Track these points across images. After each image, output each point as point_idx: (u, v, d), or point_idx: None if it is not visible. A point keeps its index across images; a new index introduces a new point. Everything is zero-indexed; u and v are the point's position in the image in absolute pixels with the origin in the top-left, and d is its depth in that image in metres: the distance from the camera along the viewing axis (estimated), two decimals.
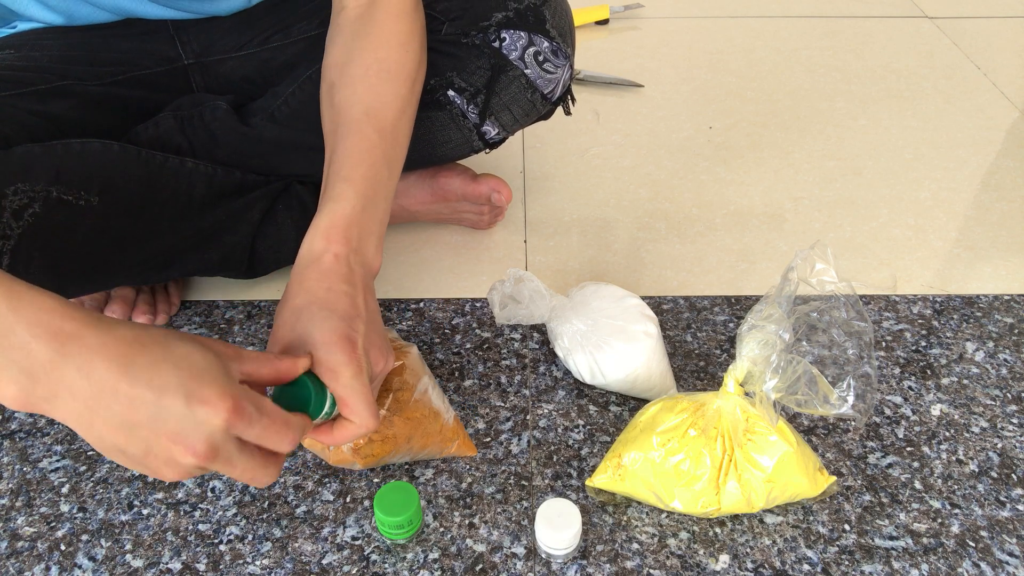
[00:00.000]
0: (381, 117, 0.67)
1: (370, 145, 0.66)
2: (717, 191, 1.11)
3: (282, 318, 0.57)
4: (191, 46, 0.86)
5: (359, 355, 0.55)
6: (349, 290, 0.58)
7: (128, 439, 0.45)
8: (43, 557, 0.67)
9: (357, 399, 0.54)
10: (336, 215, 0.62)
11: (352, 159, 0.65)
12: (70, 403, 0.43)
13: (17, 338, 0.42)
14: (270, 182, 0.88)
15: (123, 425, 0.44)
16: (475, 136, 0.87)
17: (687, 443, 0.65)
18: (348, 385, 0.54)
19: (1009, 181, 1.12)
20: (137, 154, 0.76)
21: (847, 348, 0.62)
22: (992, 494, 0.71)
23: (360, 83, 0.68)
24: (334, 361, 0.53)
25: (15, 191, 0.68)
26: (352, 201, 0.62)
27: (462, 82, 0.83)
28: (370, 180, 0.64)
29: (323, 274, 0.59)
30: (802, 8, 1.63)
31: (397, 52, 0.70)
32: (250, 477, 0.49)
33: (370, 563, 0.66)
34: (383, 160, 0.66)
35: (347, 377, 0.53)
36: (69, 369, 0.43)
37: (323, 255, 0.60)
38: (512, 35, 0.81)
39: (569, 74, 0.86)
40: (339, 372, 0.53)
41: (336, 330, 0.55)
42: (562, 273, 0.97)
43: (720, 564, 0.66)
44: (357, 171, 0.64)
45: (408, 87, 0.71)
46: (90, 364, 0.43)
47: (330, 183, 0.64)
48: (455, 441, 0.73)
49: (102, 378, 0.43)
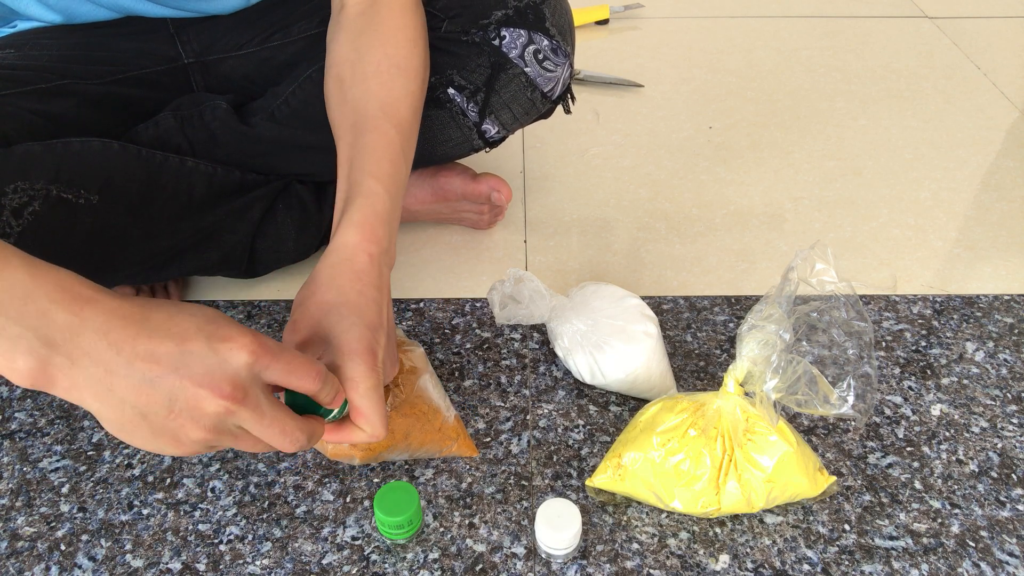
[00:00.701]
0: (397, 113, 0.68)
1: (389, 141, 0.66)
2: (717, 191, 1.11)
3: (307, 310, 0.57)
4: (191, 45, 0.86)
5: (379, 367, 0.55)
6: (378, 297, 0.59)
7: (150, 396, 0.44)
8: (43, 557, 0.67)
9: (372, 410, 0.54)
10: (369, 211, 0.62)
11: (376, 155, 0.65)
12: (89, 368, 0.43)
13: (37, 305, 0.42)
14: (270, 181, 0.88)
15: (144, 381, 0.44)
16: (475, 135, 0.87)
17: (687, 443, 0.65)
18: (366, 396, 0.54)
19: (1009, 181, 1.12)
20: (137, 153, 0.76)
21: (847, 348, 0.62)
22: (992, 494, 0.71)
23: (373, 79, 0.68)
24: (357, 372, 0.54)
25: (15, 189, 0.68)
26: (384, 199, 0.63)
27: (462, 80, 0.83)
28: (393, 177, 0.65)
29: (357, 275, 0.59)
30: (802, 8, 1.63)
31: (406, 48, 0.70)
32: (279, 431, 0.48)
33: (370, 563, 0.66)
34: (402, 156, 0.67)
35: (366, 388, 0.54)
36: (88, 332, 0.43)
37: (357, 254, 0.60)
38: (512, 33, 0.81)
39: (569, 72, 0.86)
40: (359, 383, 0.54)
41: (362, 340, 0.55)
42: (562, 273, 0.97)
43: (720, 564, 0.66)
44: (382, 168, 0.64)
45: (418, 83, 0.71)
46: (108, 324, 0.43)
47: (356, 178, 0.63)
48: (455, 440, 0.72)
49: (120, 337, 0.43)
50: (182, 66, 0.87)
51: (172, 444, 0.46)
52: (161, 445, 0.46)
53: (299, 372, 0.48)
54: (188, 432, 0.45)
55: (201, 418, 0.45)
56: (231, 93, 0.87)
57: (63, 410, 0.79)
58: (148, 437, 0.46)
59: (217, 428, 0.46)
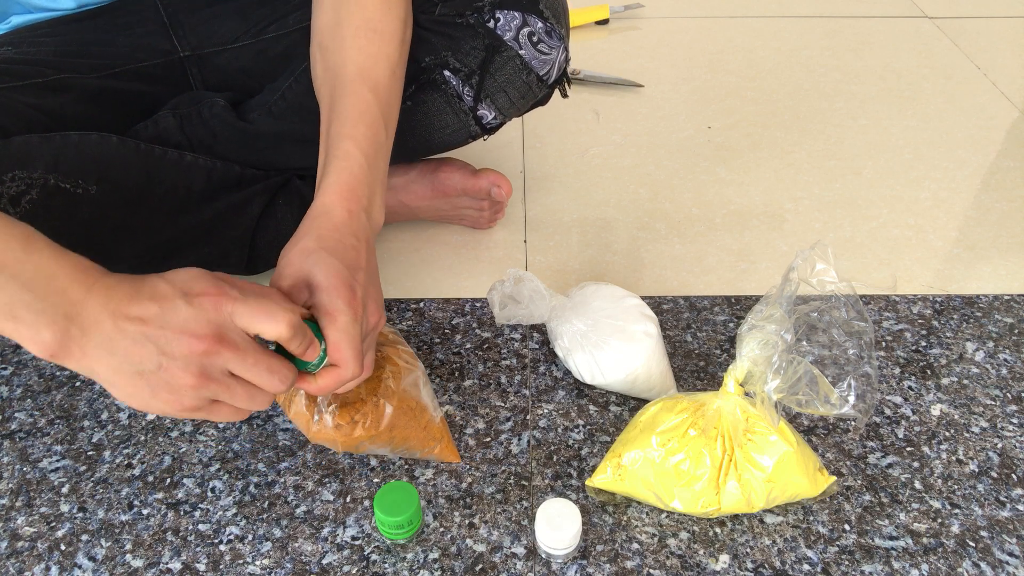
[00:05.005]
0: (374, 77, 0.69)
1: (367, 105, 0.67)
2: (717, 191, 1.11)
3: (288, 258, 0.60)
4: (186, 39, 0.87)
5: (358, 303, 0.57)
6: (356, 244, 0.61)
7: (142, 351, 0.49)
8: (43, 557, 0.67)
9: (348, 344, 0.56)
10: (345, 173, 0.64)
11: (352, 118, 0.66)
12: (95, 337, 0.49)
13: (58, 282, 0.48)
14: (269, 176, 0.88)
15: (136, 340, 0.49)
16: (471, 120, 0.87)
17: (687, 443, 0.65)
18: (343, 329, 0.56)
19: (1009, 181, 1.12)
20: (136, 147, 0.77)
21: (847, 348, 0.62)
22: (992, 494, 0.71)
23: (350, 43, 0.69)
24: (334, 305, 0.56)
25: (12, 178, 0.68)
26: (359, 159, 0.64)
27: (457, 63, 0.82)
28: (371, 139, 0.66)
29: (335, 226, 0.61)
30: (802, 8, 1.63)
31: (381, 10, 0.71)
32: (266, 368, 0.52)
33: (370, 563, 0.66)
34: (380, 119, 0.68)
35: (343, 322, 0.56)
36: (94, 305, 0.49)
37: (335, 209, 0.62)
38: (506, 15, 0.81)
39: (564, 56, 0.85)
40: (337, 316, 0.56)
41: (340, 275, 0.57)
42: (562, 273, 0.97)
43: (720, 564, 0.66)
44: (358, 130, 0.66)
45: (396, 47, 0.71)
46: (107, 295, 0.49)
47: (333, 142, 0.65)
48: (439, 443, 0.72)
49: (116, 306, 0.49)
50: (178, 59, 0.87)
51: (170, 398, 0.51)
52: (161, 403, 0.51)
53: (264, 315, 0.51)
54: (179, 379, 0.50)
55: (188, 363, 0.50)
56: (228, 87, 0.88)
57: (63, 410, 0.79)
58: (148, 396, 0.51)
59: (205, 372, 0.50)
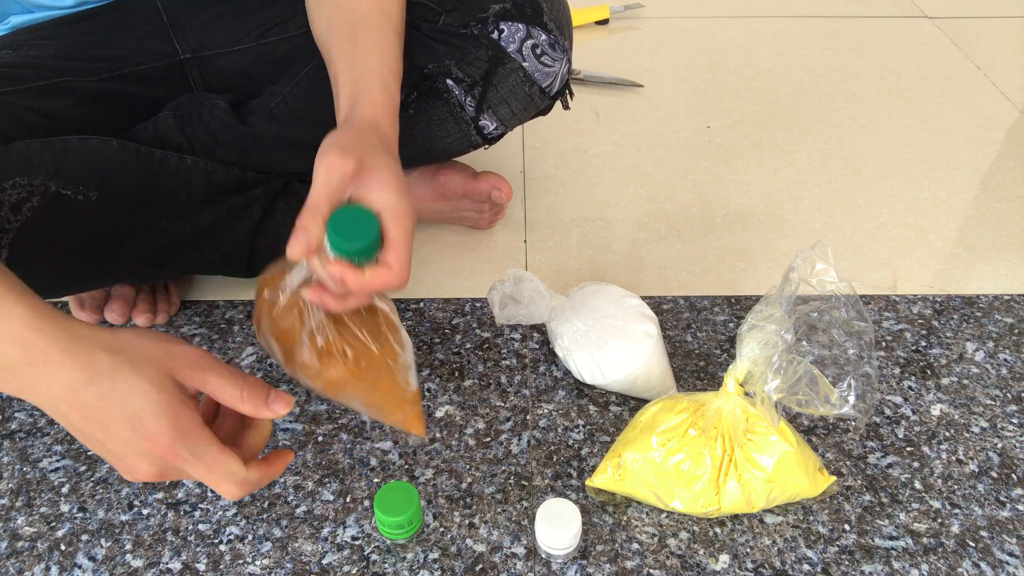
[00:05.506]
0: (392, 16, 0.69)
1: (390, 42, 0.68)
2: (717, 191, 1.11)
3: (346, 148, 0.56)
4: (187, 41, 0.87)
5: (415, 218, 0.57)
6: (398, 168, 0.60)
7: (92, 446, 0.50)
8: (43, 557, 0.67)
9: (406, 247, 0.55)
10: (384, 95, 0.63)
11: (382, 50, 0.66)
12: (43, 400, 0.49)
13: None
14: (270, 180, 0.88)
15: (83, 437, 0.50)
16: (473, 130, 0.87)
17: (687, 443, 0.65)
18: (408, 231, 0.55)
19: (1009, 181, 1.12)
20: (136, 151, 0.77)
21: (847, 348, 0.62)
22: (992, 494, 0.71)
23: None
24: (403, 207, 0.55)
25: (13, 185, 0.68)
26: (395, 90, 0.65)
27: (460, 72, 0.83)
28: (397, 76, 0.67)
29: (389, 144, 0.60)
30: (802, 8, 1.63)
31: None
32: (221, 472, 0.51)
33: (370, 563, 0.66)
34: (397, 62, 0.68)
35: (408, 226, 0.55)
36: (36, 375, 0.47)
37: (383, 125, 0.61)
38: (510, 27, 0.81)
39: (567, 68, 0.86)
40: (404, 218, 0.55)
41: (404, 183, 0.56)
42: (562, 273, 0.97)
43: (720, 564, 0.66)
44: (388, 63, 0.66)
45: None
46: (48, 377, 0.47)
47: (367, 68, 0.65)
48: (411, 409, 0.66)
49: (59, 394, 0.48)
50: (179, 62, 0.87)
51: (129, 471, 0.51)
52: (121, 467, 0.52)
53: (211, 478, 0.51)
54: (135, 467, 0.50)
55: (136, 475, 0.50)
56: (229, 91, 0.87)
57: None
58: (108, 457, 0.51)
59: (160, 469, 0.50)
